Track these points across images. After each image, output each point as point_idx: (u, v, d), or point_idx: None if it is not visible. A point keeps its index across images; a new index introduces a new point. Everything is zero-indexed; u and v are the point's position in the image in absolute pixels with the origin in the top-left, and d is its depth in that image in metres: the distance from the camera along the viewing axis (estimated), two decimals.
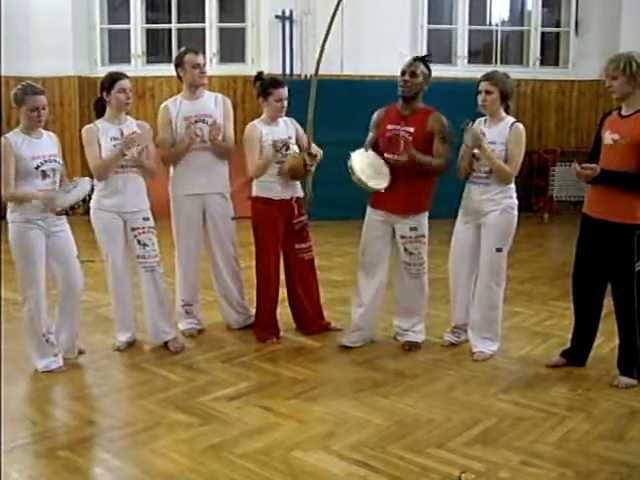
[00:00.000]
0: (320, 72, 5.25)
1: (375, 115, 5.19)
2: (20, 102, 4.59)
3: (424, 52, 11.44)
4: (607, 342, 5.12)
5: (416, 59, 5.04)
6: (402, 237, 5.13)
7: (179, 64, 5.36)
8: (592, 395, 4.42)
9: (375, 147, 5.10)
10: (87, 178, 4.81)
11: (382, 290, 5.30)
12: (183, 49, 5.47)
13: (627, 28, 11.19)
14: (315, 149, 5.32)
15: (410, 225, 5.11)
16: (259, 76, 5.40)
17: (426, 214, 5.16)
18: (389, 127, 5.03)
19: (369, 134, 5.20)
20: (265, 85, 5.30)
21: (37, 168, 4.59)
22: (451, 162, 5.00)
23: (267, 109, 5.30)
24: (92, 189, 4.72)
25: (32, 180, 4.59)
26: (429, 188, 5.12)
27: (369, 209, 5.21)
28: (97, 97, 5.17)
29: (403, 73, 4.96)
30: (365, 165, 4.95)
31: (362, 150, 5.05)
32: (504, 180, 4.86)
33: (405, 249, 5.14)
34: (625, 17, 11.34)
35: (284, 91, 5.26)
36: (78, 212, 4.81)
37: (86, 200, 4.70)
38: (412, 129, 4.96)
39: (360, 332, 5.31)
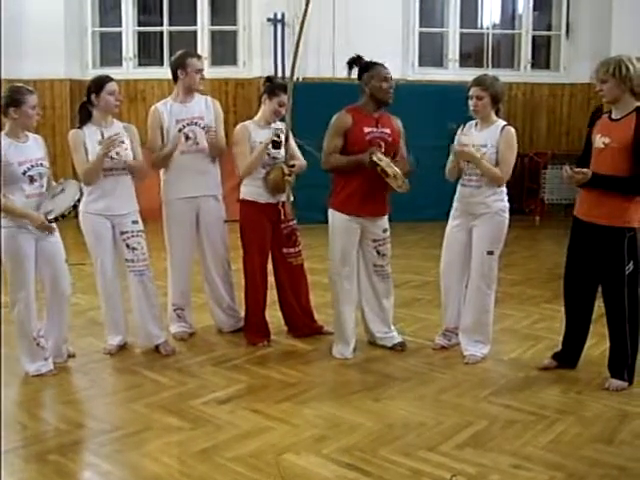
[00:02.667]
0: (312, 75, 5.28)
1: (337, 120, 4.95)
2: (18, 102, 4.53)
3: (416, 55, 11.56)
4: (598, 344, 5.13)
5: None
6: (375, 240, 5.11)
7: (180, 66, 5.33)
8: (583, 398, 4.43)
9: (343, 154, 4.92)
10: (74, 181, 4.80)
11: None
12: (185, 51, 5.46)
13: (618, 31, 11.21)
14: (296, 158, 5.34)
15: (383, 227, 5.14)
16: (269, 79, 5.46)
17: None
18: (366, 130, 4.93)
19: (330, 140, 4.93)
20: (275, 86, 5.34)
21: (24, 173, 4.56)
22: (440, 165, 5.03)
23: (266, 109, 5.31)
24: (81, 193, 4.71)
25: (20, 185, 4.56)
26: None
27: (341, 215, 4.99)
28: (82, 102, 5.09)
29: (389, 79, 4.95)
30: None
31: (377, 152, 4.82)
32: (496, 183, 4.87)
33: (378, 252, 5.14)
34: (616, 20, 11.36)
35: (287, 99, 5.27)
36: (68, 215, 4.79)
37: (77, 206, 4.70)
38: (388, 130, 5.00)
39: (353, 341, 5.24)
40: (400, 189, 4.83)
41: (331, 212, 5.06)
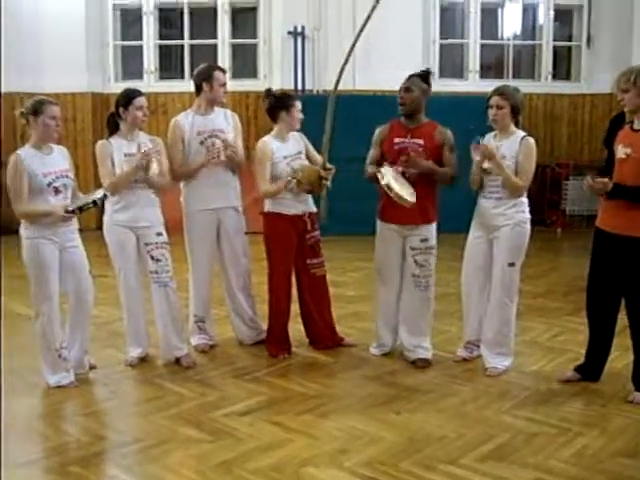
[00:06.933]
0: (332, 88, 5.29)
1: (377, 131, 5.22)
2: (37, 112, 4.57)
3: (436, 66, 11.54)
4: (621, 357, 5.08)
5: (412, 75, 5.11)
6: (412, 249, 5.14)
7: (206, 79, 5.36)
8: (606, 411, 4.39)
9: (379, 164, 5.07)
10: (101, 189, 4.84)
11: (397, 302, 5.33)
12: (210, 65, 5.52)
13: (639, 41, 11.16)
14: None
15: (421, 237, 5.13)
16: (271, 92, 5.43)
17: (434, 225, 5.19)
18: (396, 140, 5.07)
19: (371, 151, 5.22)
20: (285, 98, 5.37)
21: (49, 185, 4.60)
22: (463, 175, 5.02)
23: (287, 122, 5.29)
24: (105, 195, 4.75)
25: (45, 197, 4.60)
26: (435, 199, 5.17)
27: (380, 223, 5.23)
28: (110, 114, 5.18)
29: (399, 91, 5.08)
30: (393, 179, 4.88)
31: (386, 166, 4.96)
32: (515, 193, 4.85)
33: (415, 261, 5.15)
34: (637, 30, 11.28)
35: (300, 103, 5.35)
36: (91, 227, 4.83)
37: (96, 203, 4.71)
38: (421, 141, 5.03)
39: (385, 345, 5.42)
40: (405, 204, 4.85)
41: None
